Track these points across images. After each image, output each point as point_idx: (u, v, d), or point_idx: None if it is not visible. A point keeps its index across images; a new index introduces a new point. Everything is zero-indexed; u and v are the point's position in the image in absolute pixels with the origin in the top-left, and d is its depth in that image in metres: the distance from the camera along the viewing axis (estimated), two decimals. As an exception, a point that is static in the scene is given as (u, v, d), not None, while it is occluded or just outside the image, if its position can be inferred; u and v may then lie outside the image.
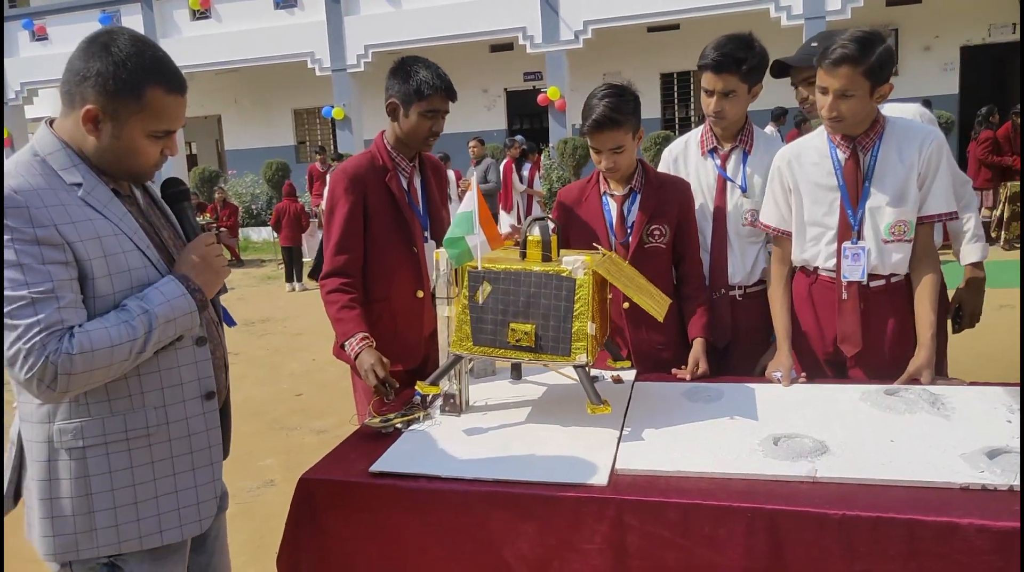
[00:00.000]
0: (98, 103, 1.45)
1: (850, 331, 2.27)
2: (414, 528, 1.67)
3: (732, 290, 2.55)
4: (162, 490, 1.54)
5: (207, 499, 1.61)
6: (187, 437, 1.57)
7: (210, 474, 1.62)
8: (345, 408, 2.22)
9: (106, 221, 1.47)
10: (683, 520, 1.50)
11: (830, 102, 2.11)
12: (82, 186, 1.47)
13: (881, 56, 2.06)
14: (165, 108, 1.49)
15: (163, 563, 1.58)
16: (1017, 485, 1.46)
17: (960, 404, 1.89)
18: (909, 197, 2.18)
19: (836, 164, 2.24)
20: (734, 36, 2.42)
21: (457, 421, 2.00)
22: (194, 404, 1.58)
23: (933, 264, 2.25)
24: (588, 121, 2.30)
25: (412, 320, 2.46)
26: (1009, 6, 14.52)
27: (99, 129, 1.47)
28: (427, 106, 2.33)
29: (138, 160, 1.52)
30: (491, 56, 17.02)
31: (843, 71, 2.06)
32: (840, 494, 1.49)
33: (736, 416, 1.91)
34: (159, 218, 1.66)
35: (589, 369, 1.84)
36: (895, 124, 2.22)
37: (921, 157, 2.17)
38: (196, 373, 1.59)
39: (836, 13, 13.48)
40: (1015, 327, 6.04)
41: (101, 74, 1.43)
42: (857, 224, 2.22)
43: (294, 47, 16.77)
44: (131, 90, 1.45)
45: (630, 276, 2.01)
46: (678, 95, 16.93)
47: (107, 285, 1.45)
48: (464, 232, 1.90)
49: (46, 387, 1.37)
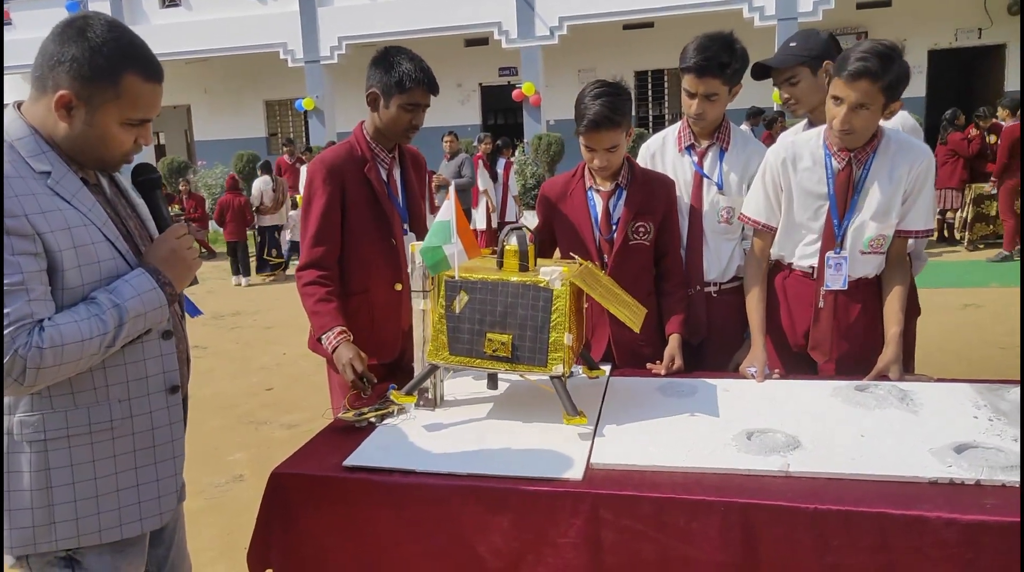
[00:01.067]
0: (72, 89, 1.41)
1: (822, 339, 2.30)
2: (388, 522, 1.65)
3: (707, 287, 2.57)
4: (123, 484, 1.52)
5: (168, 493, 1.59)
6: (150, 431, 1.55)
7: (172, 468, 1.60)
8: (316, 402, 2.20)
9: (75, 211, 1.44)
10: (657, 514, 1.51)
11: (844, 114, 2.07)
12: (51, 174, 1.43)
13: (899, 72, 2.04)
14: (142, 96, 1.46)
15: (123, 556, 1.55)
16: (984, 479, 1.49)
17: (928, 400, 1.92)
18: (892, 213, 2.20)
19: (829, 173, 2.23)
20: (716, 37, 2.40)
21: (432, 415, 1.99)
22: (158, 397, 1.56)
23: (904, 271, 2.28)
24: (584, 121, 2.26)
25: (390, 313, 2.43)
26: (975, 12, 14.82)
27: (71, 115, 1.43)
28: (408, 99, 2.29)
29: (110, 148, 1.48)
30: (466, 50, 16.96)
31: (862, 85, 2.03)
32: (812, 488, 1.51)
33: (710, 411, 1.92)
34: (125, 208, 1.63)
35: (566, 380, 1.83)
36: (891, 139, 2.22)
37: (910, 175, 2.18)
38: (161, 366, 1.57)
39: (808, 15, 13.66)
40: (981, 325, 6.18)
41: (76, 59, 1.40)
42: (841, 235, 2.23)
43: (266, 37, 16.55)
44: (107, 76, 1.41)
45: (607, 286, 2.01)
46: (652, 93, 17.02)
47: (76, 277, 1.42)
48: (441, 241, 1.88)
49: (13, 381, 1.33)
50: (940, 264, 8.81)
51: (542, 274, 1.83)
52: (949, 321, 6.24)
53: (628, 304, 2.02)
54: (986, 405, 1.87)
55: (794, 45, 2.48)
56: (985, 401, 1.89)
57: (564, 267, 1.90)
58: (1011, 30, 14.83)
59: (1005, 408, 1.84)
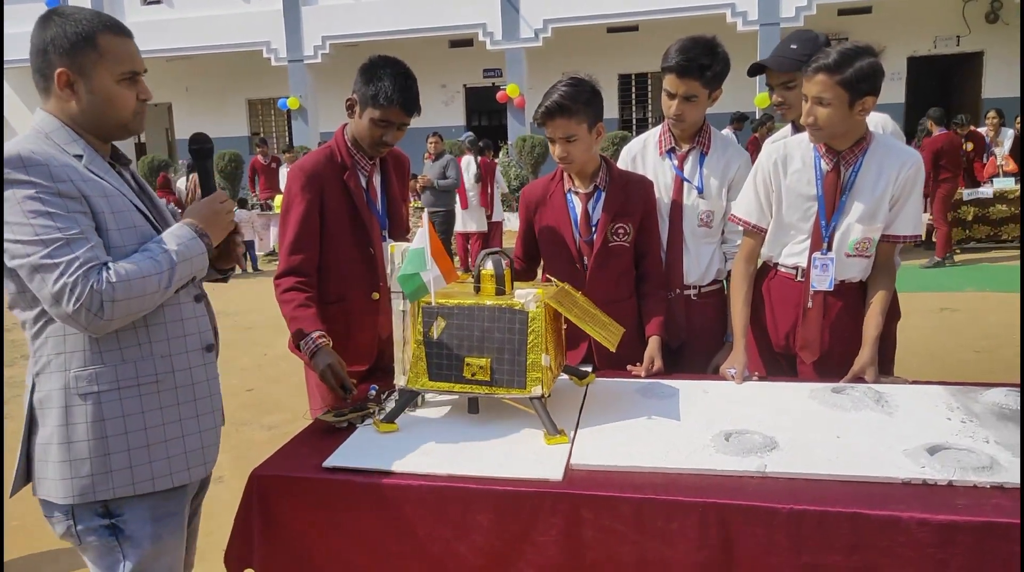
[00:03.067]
0: (64, 64, 1.57)
1: (811, 338, 2.32)
2: (368, 523, 1.65)
3: (687, 290, 2.59)
4: (170, 434, 1.65)
5: (211, 444, 1.74)
6: (191, 385, 1.69)
7: (212, 420, 1.74)
8: (296, 404, 2.19)
9: (108, 184, 1.60)
10: (636, 514, 1.52)
11: (807, 107, 2.16)
12: (83, 157, 1.59)
13: (861, 70, 2.07)
14: (121, 50, 1.61)
15: (160, 510, 1.66)
16: (956, 480, 1.51)
17: (903, 402, 1.95)
18: (879, 217, 2.23)
19: (818, 174, 2.26)
20: (699, 40, 2.41)
21: (412, 416, 1.99)
22: (196, 355, 1.71)
23: (889, 277, 2.31)
24: (540, 108, 2.29)
25: (367, 322, 2.41)
26: (954, 19, 15.04)
27: (75, 91, 1.59)
28: (380, 115, 2.26)
29: (118, 108, 1.62)
30: (450, 52, 16.96)
31: (819, 79, 2.10)
32: (788, 488, 1.53)
33: (689, 413, 1.94)
34: (142, 196, 1.75)
35: (545, 401, 1.84)
36: (880, 143, 2.24)
37: (898, 179, 2.21)
38: (197, 327, 1.72)
39: (790, 20, 13.80)
40: (956, 328, 6.27)
41: (56, 38, 1.57)
42: (828, 236, 2.26)
43: (249, 36, 16.46)
44: (85, 41, 1.57)
45: (583, 307, 2.02)
46: (636, 96, 17.11)
47: (119, 238, 1.58)
48: (418, 269, 1.88)
49: (93, 316, 1.47)
50: (916, 268, 8.93)
51: (517, 297, 1.85)
52: (925, 325, 6.32)
53: (605, 324, 2.02)
54: (959, 407, 1.90)
55: (795, 48, 2.45)
56: (958, 403, 1.92)
57: (539, 289, 1.91)
58: (988, 38, 15.08)
59: (978, 410, 1.87)
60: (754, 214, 2.37)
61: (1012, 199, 9.62)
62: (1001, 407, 1.87)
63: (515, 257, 2.55)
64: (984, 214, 9.73)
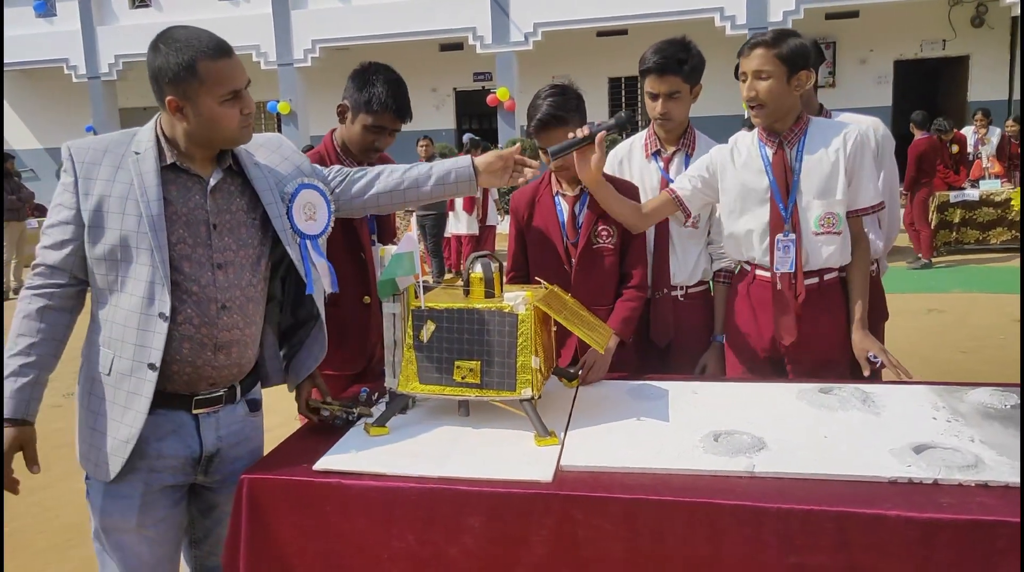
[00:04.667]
0: (172, 93, 1.69)
1: (785, 319, 2.34)
2: (358, 526, 1.65)
3: (674, 290, 2.60)
4: (98, 426, 1.76)
5: (117, 454, 1.75)
6: (126, 392, 1.73)
7: (126, 434, 1.74)
8: (286, 406, 2.19)
9: (130, 185, 1.71)
10: (627, 514, 1.53)
11: (748, 84, 2.24)
12: (140, 154, 1.73)
13: (797, 45, 2.20)
14: (219, 73, 1.69)
15: (111, 497, 1.79)
16: (941, 478, 1.53)
17: (890, 402, 1.96)
18: (836, 189, 2.27)
19: (765, 160, 2.33)
20: (671, 40, 2.48)
21: (402, 418, 1.99)
22: (139, 367, 1.72)
23: (862, 251, 2.35)
24: (533, 121, 2.32)
25: (358, 327, 2.41)
26: (940, 24, 15.16)
27: (184, 114, 1.71)
28: (373, 121, 2.27)
29: (223, 127, 1.73)
30: (441, 55, 16.95)
31: (757, 53, 2.22)
32: (776, 488, 1.54)
33: (678, 414, 1.95)
34: (227, 202, 1.82)
35: (535, 403, 1.85)
36: (819, 122, 2.34)
37: (847, 150, 2.26)
38: (149, 342, 1.72)
39: (778, 24, 13.87)
40: (943, 329, 6.32)
41: (162, 68, 1.69)
42: (789, 217, 2.30)
43: (239, 39, 16.34)
44: (186, 71, 1.67)
45: (572, 309, 2.03)
46: (625, 99, 17.15)
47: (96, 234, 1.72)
48: (402, 273, 1.88)
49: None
50: (903, 269, 8.99)
51: (507, 299, 1.86)
52: (913, 325, 6.37)
53: (594, 326, 2.04)
54: (945, 407, 1.92)
55: None
56: (944, 403, 1.94)
57: (528, 292, 1.92)
58: (974, 42, 15.21)
59: (963, 410, 1.89)
60: (687, 191, 2.43)
61: (999, 202, 9.69)
62: (986, 406, 1.89)
63: (507, 271, 2.53)
64: (971, 217, 9.80)
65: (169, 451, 1.80)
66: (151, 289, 1.70)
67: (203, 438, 1.84)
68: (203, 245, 1.77)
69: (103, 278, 1.73)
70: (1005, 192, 9.74)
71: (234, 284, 1.80)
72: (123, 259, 1.71)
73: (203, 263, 1.76)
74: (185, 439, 1.81)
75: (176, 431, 1.80)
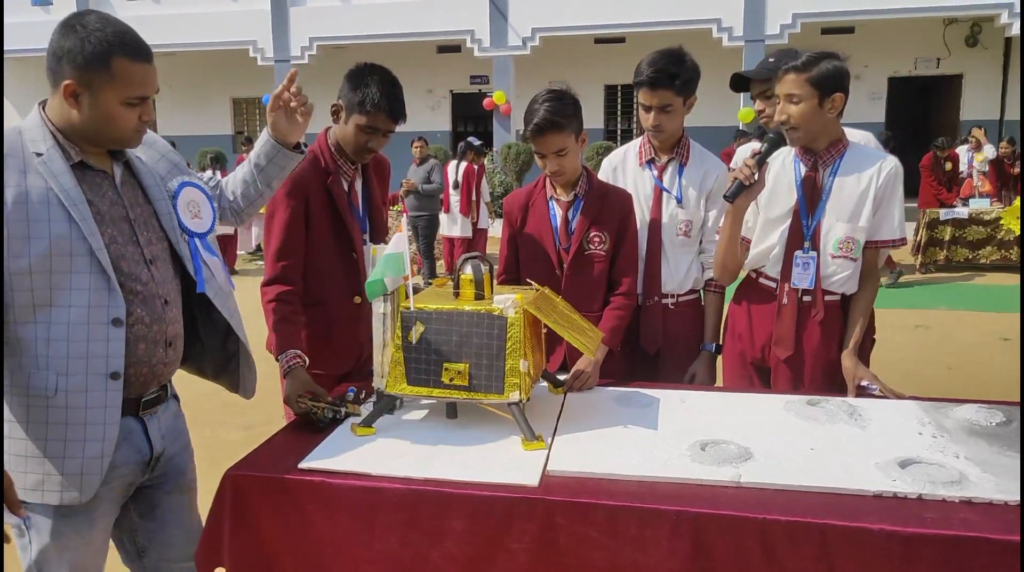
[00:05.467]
0: (73, 77, 1.58)
1: (785, 334, 2.35)
2: (342, 526, 1.64)
3: (665, 298, 2.61)
4: (51, 452, 1.61)
5: (91, 473, 1.64)
6: (83, 409, 1.61)
7: (99, 449, 1.64)
8: (273, 404, 2.18)
9: (45, 190, 1.58)
10: (611, 521, 1.52)
11: (780, 107, 2.26)
12: (42, 155, 1.60)
13: (828, 69, 2.20)
14: (133, 75, 1.61)
15: (67, 521, 1.67)
16: (926, 493, 1.53)
17: (876, 416, 1.97)
18: (861, 216, 2.28)
19: (797, 175, 2.34)
20: (666, 52, 2.48)
21: (389, 420, 1.98)
22: (97, 379, 1.62)
23: (872, 284, 2.36)
24: (530, 126, 2.31)
25: (347, 326, 2.40)
26: (934, 42, 15.30)
27: (79, 102, 1.60)
28: (367, 121, 2.26)
29: (118, 127, 1.64)
30: (438, 57, 16.97)
31: (789, 78, 2.23)
32: (761, 499, 1.54)
33: (666, 422, 1.95)
34: (135, 196, 1.76)
35: (523, 406, 1.84)
36: (857, 148, 2.34)
37: (879, 181, 2.27)
38: (105, 351, 1.62)
39: (774, 37, 13.98)
40: (929, 345, 6.36)
41: (71, 51, 1.58)
42: (810, 235, 2.31)
43: (236, 34, 16.36)
44: (99, 61, 1.57)
45: (562, 313, 2.02)
46: (621, 107, 17.22)
47: (18, 246, 1.54)
48: (391, 273, 1.87)
49: None
50: (883, 289, 9.03)
51: (496, 302, 1.85)
52: (899, 341, 6.40)
53: (583, 330, 2.02)
54: (930, 422, 1.92)
55: (772, 61, 2.56)
56: (930, 418, 1.95)
57: (518, 294, 1.91)
58: (968, 61, 15.36)
59: (949, 425, 1.90)
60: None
61: (989, 221, 9.76)
62: (972, 423, 1.90)
63: (498, 274, 2.52)
64: (961, 235, 9.85)
65: (122, 459, 1.73)
66: (97, 296, 1.60)
67: (152, 440, 1.79)
68: (131, 242, 1.70)
69: (29, 294, 1.57)
70: (995, 211, 9.80)
71: (166, 278, 1.76)
72: (57, 269, 1.57)
73: (137, 260, 1.70)
74: (136, 444, 1.76)
75: (127, 438, 1.73)
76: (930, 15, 14.00)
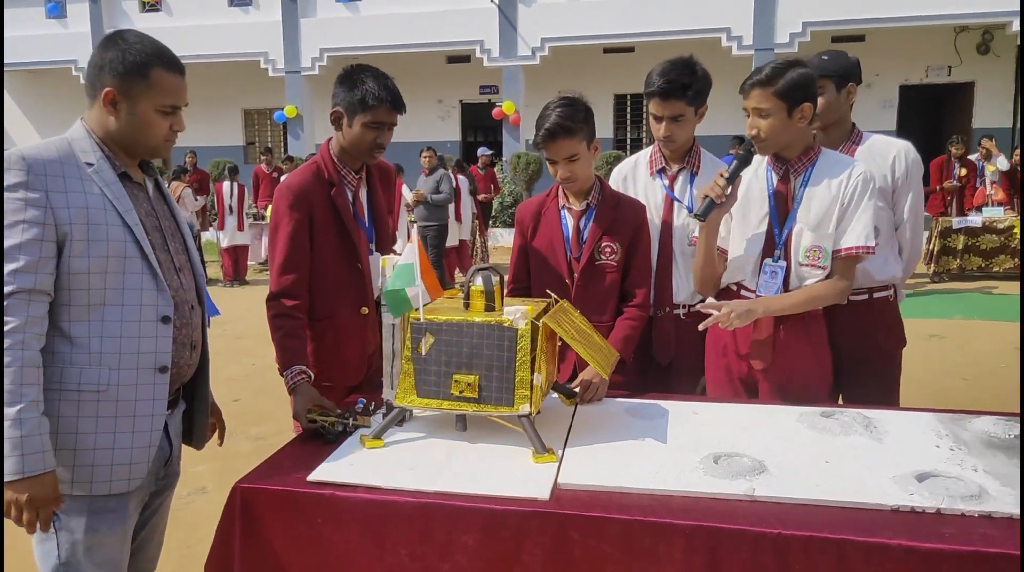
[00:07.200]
0: (113, 85, 1.71)
1: (762, 343, 2.32)
2: (351, 539, 1.63)
3: (676, 309, 2.59)
4: (100, 444, 1.70)
5: (139, 461, 1.75)
6: (133, 401, 1.72)
7: (147, 439, 1.75)
8: (282, 415, 2.17)
9: (102, 196, 1.69)
10: (624, 535, 1.50)
11: (750, 121, 2.26)
12: (93, 165, 1.71)
13: (793, 80, 2.18)
14: (168, 85, 1.75)
15: (99, 517, 1.72)
16: (944, 508, 1.51)
17: (892, 428, 1.94)
18: (828, 225, 2.26)
19: (770, 185, 2.33)
20: (677, 61, 2.46)
21: (399, 432, 1.97)
22: (146, 373, 1.73)
23: (833, 286, 2.26)
24: (541, 131, 2.30)
25: (355, 338, 2.39)
26: (946, 50, 15.23)
27: (117, 110, 1.73)
28: (371, 117, 2.25)
29: (152, 134, 1.76)
30: (448, 67, 17.03)
31: (755, 93, 2.22)
32: (776, 513, 1.52)
33: (678, 434, 1.93)
34: (163, 209, 1.89)
35: (533, 419, 1.82)
36: (829, 155, 2.32)
37: (846, 187, 2.24)
38: (154, 347, 1.74)
39: (784, 46, 13.96)
40: (944, 356, 6.29)
41: (112, 61, 1.71)
42: (781, 243, 2.29)
43: (247, 46, 16.48)
44: (138, 70, 1.72)
45: (578, 327, 2.00)
46: (631, 116, 17.22)
47: (81, 248, 1.65)
48: (405, 284, 1.87)
49: None
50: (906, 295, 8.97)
51: (506, 313, 1.83)
52: (913, 351, 6.29)
53: (600, 347, 2.00)
54: (948, 435, 1.89)
55: (826, 59, 2.56)
56: (947, 431, 1.92)
57: (529, 306, 1.90)
58: (979, 69, 15.27)
59: (967, 438, 1.87)
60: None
61: (1002, 230, 9.68)
62: (990, 436, 1.87)
63: (508, 283, 2.51)
64: (975, 244, 9.78)
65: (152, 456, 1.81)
66: (148, 295, 1.73)
67: (171, 438, 1.90)
68: (163, 250, 1.83)
69: (86, 294, 1.67)
70: (1008, 219, 9.73)
71: (191, 285, 1.89)
72: (112, 270, 1.69)
73: (169, 267, 1.83)
74: (159, 442, 1.83)
75: None
76: (941, 23, 13.95)
